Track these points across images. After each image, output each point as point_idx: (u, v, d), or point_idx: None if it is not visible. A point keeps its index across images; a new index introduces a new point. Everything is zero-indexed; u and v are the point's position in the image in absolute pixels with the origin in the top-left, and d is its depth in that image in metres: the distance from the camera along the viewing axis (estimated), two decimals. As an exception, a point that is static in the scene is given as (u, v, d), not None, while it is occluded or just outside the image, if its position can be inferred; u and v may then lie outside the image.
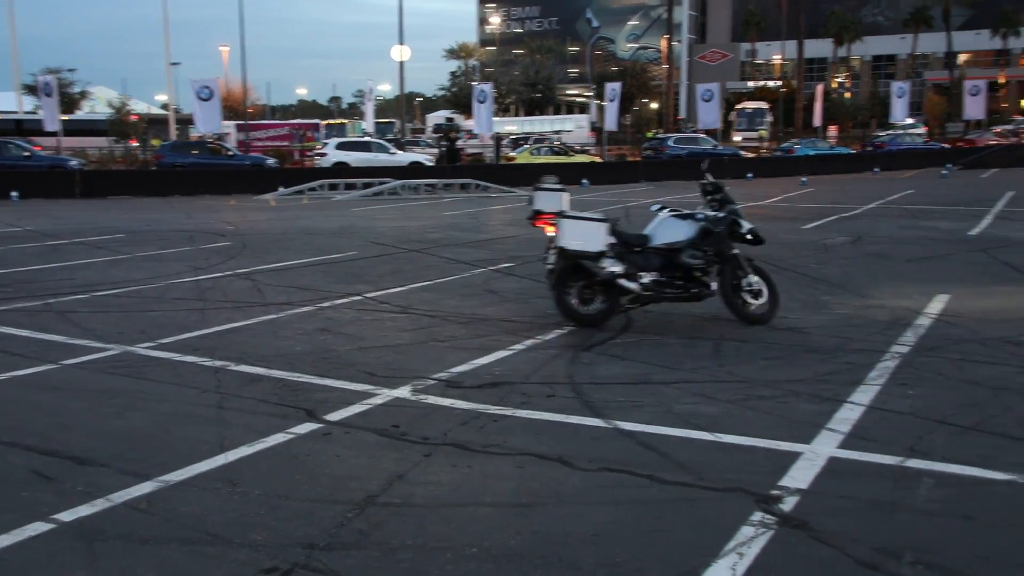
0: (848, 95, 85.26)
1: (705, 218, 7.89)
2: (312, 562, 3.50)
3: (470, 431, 5.07)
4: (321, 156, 35.30)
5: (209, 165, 31.28)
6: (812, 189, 26.91)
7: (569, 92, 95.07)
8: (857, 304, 8.65)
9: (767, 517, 3.84)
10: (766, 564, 3.43)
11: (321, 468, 4.53)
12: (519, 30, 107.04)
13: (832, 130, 60.67)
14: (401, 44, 41.59)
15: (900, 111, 49.11)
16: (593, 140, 58.27)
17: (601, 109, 55.54)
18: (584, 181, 31.29)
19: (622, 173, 34.90)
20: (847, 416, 5.23)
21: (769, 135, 55.77)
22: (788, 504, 3.98)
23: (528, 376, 6.22)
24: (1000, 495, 4.09)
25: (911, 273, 10.60)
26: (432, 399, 5.71)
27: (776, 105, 62.94)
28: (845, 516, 3.86)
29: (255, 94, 78.89)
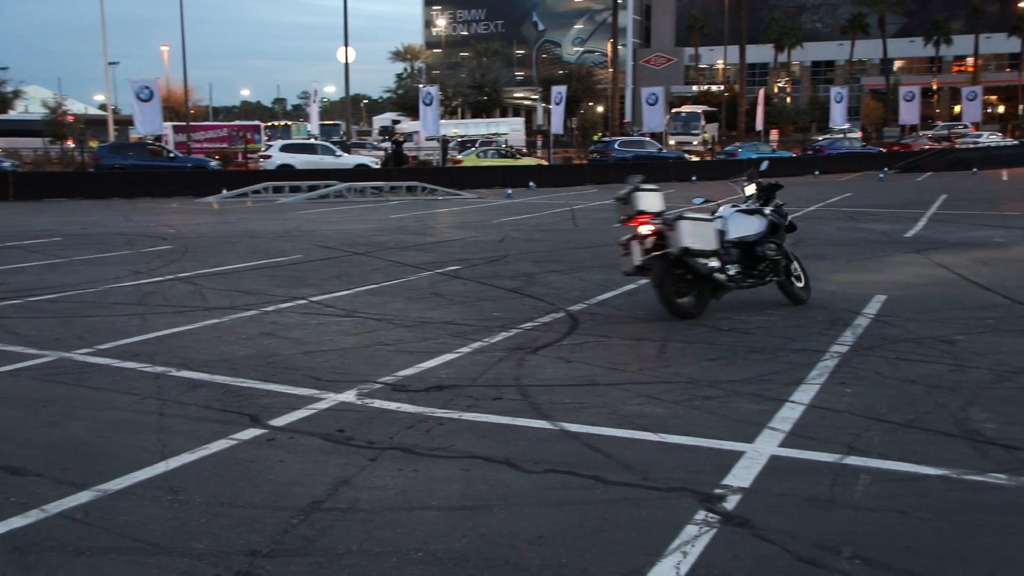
0: (789, 100, 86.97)
1: (770, 213, 8.76)
2: (255, 570, 3.45)
3: (416, 435, 5.05)
4: (266, 158, 34.83)
5: (149, 167, 30.66)
6: (754, 192, 27.33)
7: (516, 95, 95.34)
8: (798, 305, 8.82)
9: (710, 516, 3.89)
10: (709, 562, 3.48)
11: (265, 474, 4.47)
12: (465, 33, 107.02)
13: (774, 134, 61.77)
14: (346, 46, 41.28)
15: (839, 116, 50.30)
16: (524, 143, 58.70)
17: (547, 112, 55.88)
18: (531, 184, 31.42)
19: (569, 176, 35.15)
20: (788, 415, 5.33)
21: (713, 139, 56.52)
22: (731, 503, 4.04)
23: (475, 379, 6.22)
24: (933, 490, 4.20)
25: (850, 274, 10.85)
26: (378, 403, 5.67)
27: (720, 109, 63.82)
28: (786, 513, 3.94)
29: (197, 95, 77.42)
